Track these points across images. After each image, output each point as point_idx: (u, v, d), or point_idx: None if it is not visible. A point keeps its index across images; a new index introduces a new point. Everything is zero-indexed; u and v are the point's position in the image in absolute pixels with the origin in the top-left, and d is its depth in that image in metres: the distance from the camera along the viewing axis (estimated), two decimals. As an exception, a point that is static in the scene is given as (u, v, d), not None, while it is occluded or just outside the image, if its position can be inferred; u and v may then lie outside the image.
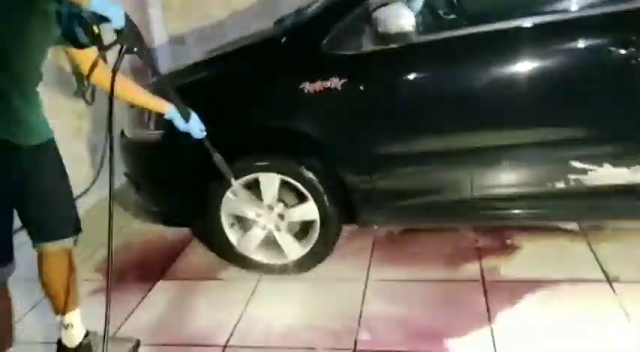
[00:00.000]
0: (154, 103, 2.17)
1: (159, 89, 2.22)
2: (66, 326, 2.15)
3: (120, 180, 3.64)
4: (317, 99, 2.40)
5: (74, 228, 2.08)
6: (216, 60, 2.84)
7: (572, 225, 2.85)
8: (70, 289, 2.12)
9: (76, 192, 4.12)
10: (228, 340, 2.30)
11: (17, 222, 2.02)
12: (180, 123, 2.18)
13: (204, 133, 2.26)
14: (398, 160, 2.48)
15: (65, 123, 4.24)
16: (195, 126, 2.21)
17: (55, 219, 2.02)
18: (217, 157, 2.32)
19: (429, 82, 2.39)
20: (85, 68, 1.93)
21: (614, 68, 2.20)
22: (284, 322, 2.40)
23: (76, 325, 2.18)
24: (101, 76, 1.89)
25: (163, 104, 2.16)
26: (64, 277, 2.09)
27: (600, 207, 2.41)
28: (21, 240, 2.08)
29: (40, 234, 2.03)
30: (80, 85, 4.34)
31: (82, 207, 3.89)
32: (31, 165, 1.90)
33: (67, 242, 2.04)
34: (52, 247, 2.03)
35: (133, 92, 2.12)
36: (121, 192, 4.02)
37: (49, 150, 1.98)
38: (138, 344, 2.30)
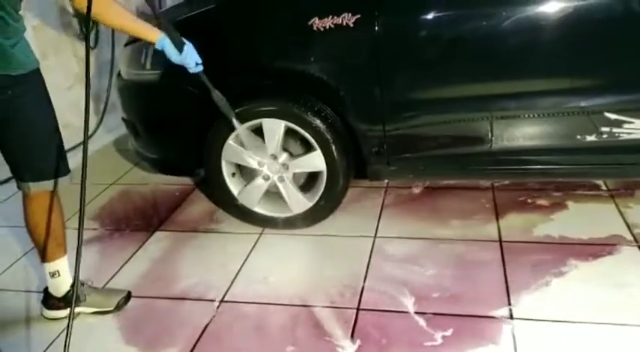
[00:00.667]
0: (143, 30, 1.96)
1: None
2: (52, 274, 2.03)
3: (121, 129, 3.51)
4: (327, 37, 2.18)
5: (61, 169, 1.91)
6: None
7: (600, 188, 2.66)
8: (56, 235, 1.98)
9: (78, 138, 4.00)
10: (224, 295, 2.16)
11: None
12: (172, 53, 1.98)
13: (201, 67, 2.05)
14: (414, 107, 2.26)
15: (67, 68, 4.07)
16: (190, 59, 2.01)
17: (39, 157, 1.86)
18: (217, 95, 2.13)
19: (451, 21, 2.15)
20: None
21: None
22: (284, 278, 2.25)
23: (63, 273, 2.05)
24: None
25: (154, 32, 1.96)
26: (50, 221, 1.95)
27: (635, 164, 2.19)
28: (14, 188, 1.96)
29: (24, 174, 1.88)
30: (83, 27, 4.16)
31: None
32: (13, 97, 1.74)
33: (51, 183, 1.88)
34: (36, 188, 1.88)
35: (120, 17, 1.91)
36: (123, 139, 3.90)
37: (32, 82, 1.81)
38: (129, 296, 2.17)
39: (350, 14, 2.13)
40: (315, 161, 2.41)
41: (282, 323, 1.98)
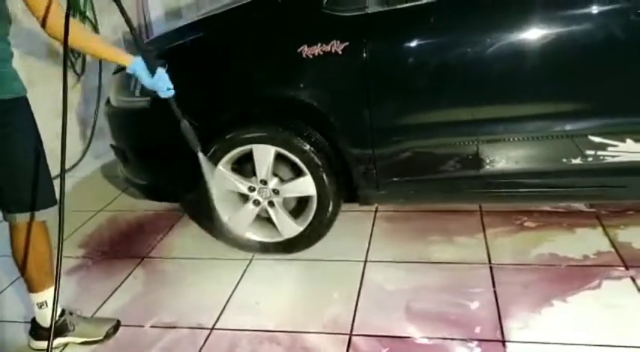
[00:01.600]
0: (115, 54, 1.95)
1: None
2: (39, 305, 2.00)
3: (111, 154, 3.50)
4: (316, 64, 2.21)
5: (47, 199, 1.89)
6: (206, 21, 2.65)
7: (585, 208, 2.70)
8: (43, 265, 1.96)
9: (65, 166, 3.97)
10: (216, 322, 2.14)
11: None
12: (144, 76, 1.95)
13: (172, 92, 2.03)
14: (402, 132, 2.29)
15: (55, 96, 4.06)
16: (162, 83, 1.98)
17: (25, 187, 1.84)
18: (185, 125, 2.11)
19: (437, 48, 2.20)
20: (39, 15, 1.73)
21: (637, 35, 2.01)
22: (276, 304, 2.24)
23: (51, 304, 2.01)
24: (56, 23, 1.70)
25: (126, 55, 1.95)
26: (37, 252, 1.93)
27: (620, 187, 2.23)
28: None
29: (10, 205, 1.86)
30: (70, 55, 4.17)
31: (71, 180, 3.76)
32: (1, 125, 1.74)
33: (40, 214, 1.86)
34: (22, 219, 1.86)
35: (92, 42, 1.92)
36: (111, 165, 3.89)
37: (21, 108, 1.81)
38: (118, 325, 2.14)
39: (339, 42, 2.17)
40: (305, 186, 2.42)
41: (275, 350, 1.97)
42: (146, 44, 2.96)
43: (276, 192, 2.47)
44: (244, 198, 2.53)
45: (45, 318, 2.02)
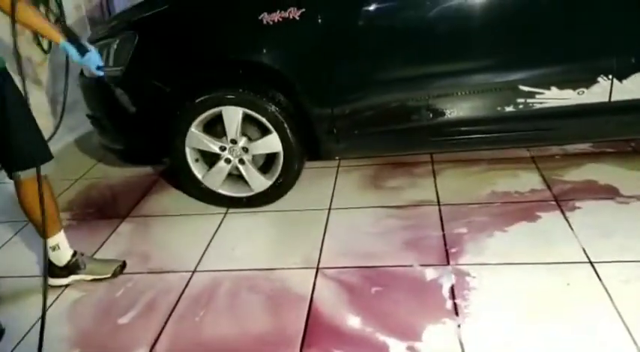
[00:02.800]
0: (50, 31, 2.14)
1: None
2: (53, 248, 2.28)
3: (86, 126, 3.66)
4: (276, 30, 2.43)
5: (46, 153, 2.13)
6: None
7: (525, 154, 3.01)
8: (50, 213, 2.18)
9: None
10: (196, 265, 2.39)
11: None
12: (74, 55, 2.18)
13: (102, 73, 2.28)
14: (358, 90, 2.54)
15: (24, 72, 4.16)
16: (91, 63, 2.23)
17: (26, 142, 2.04)
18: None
19: (384, 11, 2.43)
20: None
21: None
22: (250, 249, 2.49)
23: (62, 246, 2.30)
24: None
25: (59, 35, 2.14)
26: (43, 202, 2.07)
27: (549, 129, 2.53)
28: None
29: (12, 164, 2.08)
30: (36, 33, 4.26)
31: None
32: None
33: (43, 168, 2.05)
34: (26, 175, 2.07)
35: (32, 17, 2.08)
36: (84, 138, 4.05)
37: (5, 78, 2.01)
38: (124, 264, 2.41)
39: (295, 8, 2.39)
40: (272, 143, 2.65)
41: (250, 284, 2.22)
42: (113, 18, 3.13)
43: (245, 150, 2.70)
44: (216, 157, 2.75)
45: (59, 258, 2.30)
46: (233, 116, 2.62)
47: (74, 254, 2.33)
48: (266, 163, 2.80)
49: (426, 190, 2.79)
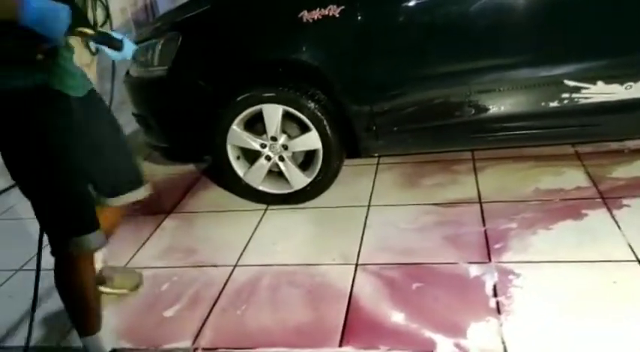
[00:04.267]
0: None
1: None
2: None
3: (133, 125, 3.77)
4: (316, 27, 2.45)
5: (138, 179, 2.01)
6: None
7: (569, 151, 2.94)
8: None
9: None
10: (237, 260, 2.43)
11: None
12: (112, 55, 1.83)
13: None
14: (398, 87, 2.53)
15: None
16: (128, 52, 1.84)
17: (115, 171, 1.90)
18: None
19: (425, 6, 2.42)
20: None
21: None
22: (290, 244, 2.52)
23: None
24: None
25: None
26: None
27: (595, 125, 2.47)
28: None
29: (120, 187, 1.93)
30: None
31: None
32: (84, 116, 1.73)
33: (134, 195, 1.98)
34: (116, 202, 1.94)
35: None
36: (131, 137, 4.15)
37: (95, 99, 1.89)
38: (141, 278, 2.37)
39: (335, 6, 2.41)
40: (312, 140, 2.67)
41: (290, 278, 2.25)
42: (157, 19, 3.22)
43: (285, 147, 2.73)
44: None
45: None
46: (273, 114, 2.65)
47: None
48: (306, 160, 2.82)
49: (466, 188, 2.76)
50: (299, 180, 2.78)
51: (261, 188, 2.85)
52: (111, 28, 4.60)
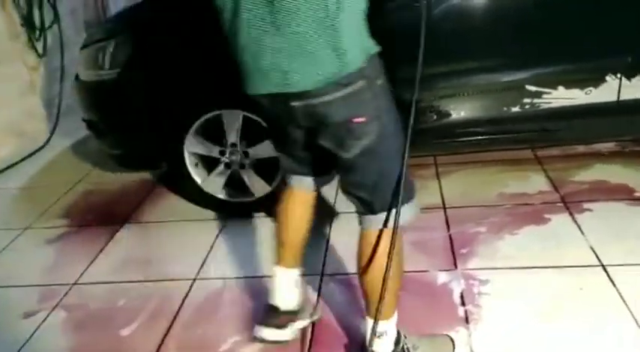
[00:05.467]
0: None
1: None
2: (379, 335, 1.57)
3: (82, 131, 3.60)
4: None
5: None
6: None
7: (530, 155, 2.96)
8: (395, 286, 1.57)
9: (34, 145, 4.06)
10: (197, 273, 2.33)
11: None
12: None
13: None
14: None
15: (18, 77, 4.12)
16: None
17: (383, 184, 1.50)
18: None
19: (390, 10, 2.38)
20: None
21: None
22: (252, 256, 2.42)
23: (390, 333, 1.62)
24: None
25: None
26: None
27: (556, 130, 2.48)
28: None
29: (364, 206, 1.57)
30: (32, 35, 4.21)
31: (42, 160, 3.84)
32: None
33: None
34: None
35: None
36: (80, 143, 3.99)
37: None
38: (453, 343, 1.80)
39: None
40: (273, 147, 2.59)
41: (255, 292, 2.16)
42: (109, 19, 3.08)
43: (246, 154, 2.64)
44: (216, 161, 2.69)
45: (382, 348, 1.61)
46: (233, 119, 2.56)
47: (397, 339, 1.64)
48: (267, 168, 2.74)
49: (430, 193, 2.73)
50: (260, 188, 2.69)
51: (220, 196, 2.75)
52: (59, 30, 4.42)
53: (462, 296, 1.99)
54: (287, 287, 1.80)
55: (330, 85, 1.34)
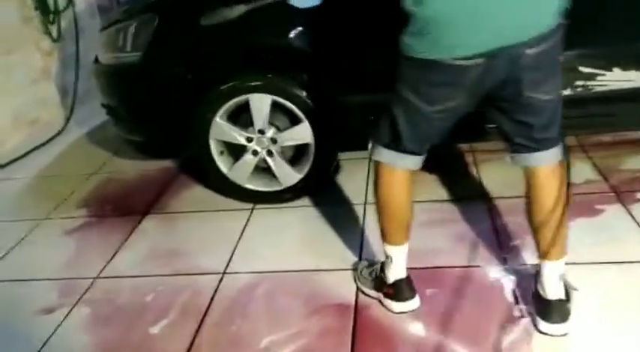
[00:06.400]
0: None
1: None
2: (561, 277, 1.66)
3: (98, 118, 3.48)
4: (307, 10, 2.22)
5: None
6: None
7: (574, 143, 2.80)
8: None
9: (49, 133, 3.94)
10: (226, 267, 2.20)
11: None
12: None
13: None
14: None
15: (31, 62, 3.99)
16: None
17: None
18: None
19: None
20: None
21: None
22: (282, 248, 2.29)
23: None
24: None
25: None
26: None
27: (609, 115, 2.31)
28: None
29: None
30: (45, 20, 4.08)
31: (57, 147, 3.72)
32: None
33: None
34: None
35: None
36: (96, 130, 3.86)
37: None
38: None
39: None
40: (303, 133, 2.45)
41: (285, 286, 2.04)
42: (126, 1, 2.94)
43: (273, 141, 2.50)
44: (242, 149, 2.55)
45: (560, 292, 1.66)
46: (261, 104, 2.41)
47: None
48: (296, 155, 2.60)
49: (470, 183, 2.58)
50: (289, 176, 2.55)
51: (247, 185, 2.61)
52: (74, 14, 4.28)
53: (514, 294, 1.84)
54: (404, 261, 1.83)
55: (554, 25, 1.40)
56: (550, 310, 1.66)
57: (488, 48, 1.36)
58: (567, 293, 1.67)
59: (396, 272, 1.82)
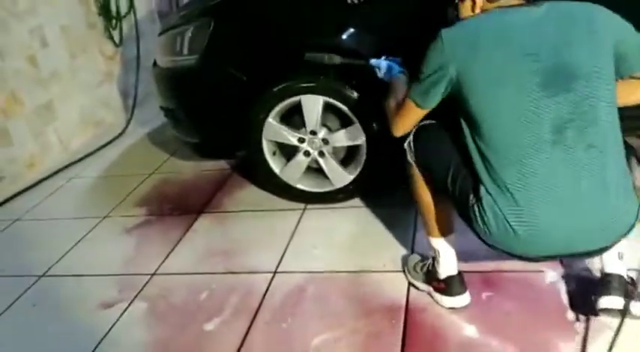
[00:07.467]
0: None
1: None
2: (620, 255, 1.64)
3: (157, 120, 3.59)
4: (362, 9, 2.22)
5: None
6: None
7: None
8: None
9: (111, 134, 4.10)
10: (277, 266, 2.22)
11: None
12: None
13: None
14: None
15: (95, 66, 4.17)
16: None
17: None
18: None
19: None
20: None
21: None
22: (333, 248, 2.30)
23: None
24: None
25: None
26: None
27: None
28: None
29: None
30: (108, 25, 4.25)
31: (118, 148, 3.87)
32: None
33: None
34: None
35: None
36: (156, 132, 3.99)
37: None
38: None
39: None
40: (355, 134, 2.45)
41: (337, 287, 2.04)
42: (185, 5, 3.02)
43: (325, 141, 2.51)
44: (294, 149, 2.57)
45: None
46: (313, 105, 2.43)
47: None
48: (348, 156, 2.60)
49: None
50: (340, 177, 2.56)
51: (299, 186, 2.63)
52: (134, 19, 4.45)
53: (570, 298, 1.78)
54: (453, 257, 1.84)
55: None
56: (608, 283, 1.63)
57: (557, 253, 1.49)
58: (632, 279, 1.67)
59: (446, 269, 1.82)
